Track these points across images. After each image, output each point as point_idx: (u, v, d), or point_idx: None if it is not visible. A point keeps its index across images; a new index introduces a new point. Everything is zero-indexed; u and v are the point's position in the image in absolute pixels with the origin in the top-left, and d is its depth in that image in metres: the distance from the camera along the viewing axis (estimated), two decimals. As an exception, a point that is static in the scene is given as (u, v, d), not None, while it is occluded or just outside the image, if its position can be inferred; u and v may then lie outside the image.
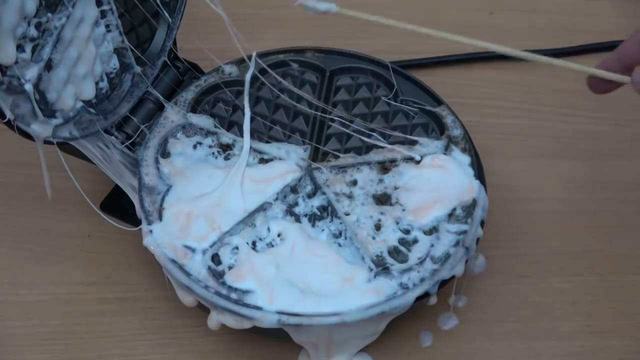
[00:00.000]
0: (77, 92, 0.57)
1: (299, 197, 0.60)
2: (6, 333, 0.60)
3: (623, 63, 0.54)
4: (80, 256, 0.64)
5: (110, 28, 0.59)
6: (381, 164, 0.62)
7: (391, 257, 0.57)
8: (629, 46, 0.54)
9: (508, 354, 0.61)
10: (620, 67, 0.54)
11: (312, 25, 0.79)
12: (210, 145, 0.62)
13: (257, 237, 0.58)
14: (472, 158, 0.62)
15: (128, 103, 0.62)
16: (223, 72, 0.66)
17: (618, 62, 0.54)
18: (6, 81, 0.51)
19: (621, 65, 0.54)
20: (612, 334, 0.62)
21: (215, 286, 0.54)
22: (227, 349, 0.60)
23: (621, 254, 0.66)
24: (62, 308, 0.62)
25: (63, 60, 0.55)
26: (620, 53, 0.55)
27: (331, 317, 0.53)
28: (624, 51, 0.54)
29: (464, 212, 0.59)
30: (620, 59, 0.54)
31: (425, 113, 0.64)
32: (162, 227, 0.57)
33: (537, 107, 0.74)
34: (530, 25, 0.81)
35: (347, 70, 0.67)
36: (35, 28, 0.53)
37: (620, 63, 0.54)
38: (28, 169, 0.67)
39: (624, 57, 0.54)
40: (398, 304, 0.55)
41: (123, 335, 0.61)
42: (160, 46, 0.64)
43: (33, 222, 0.66)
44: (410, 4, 0.82)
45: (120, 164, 0.59)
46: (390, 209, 0.59)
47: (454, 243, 0.57)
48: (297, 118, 0.65)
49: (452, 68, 0.77)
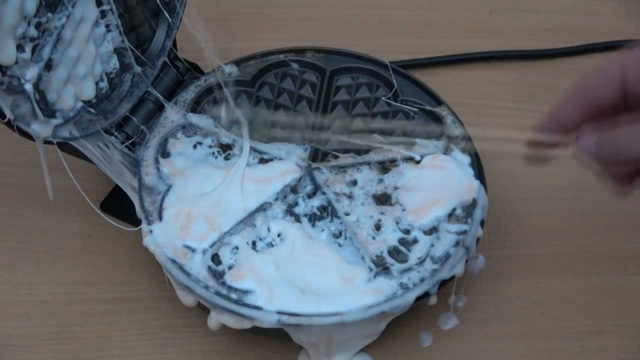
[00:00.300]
0: (77, 92, 0.57)
1: (299, 197, 0.60)
2: (6, 333, 0.60)
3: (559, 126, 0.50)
4: (80, 256, 0.64)
5: (110, 28, 0.59)
6: (381, 164, 0.62)
7: (391, 257, 0.57)
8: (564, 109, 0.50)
9: (508, 354, 0.61)
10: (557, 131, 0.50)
11: (312, 25, 0.80)
12: (210, 145, 0.62)
13: (257, 237, 0.58)
14: (472, 158, 0.62)
15: (128, 103, 0.62)
16: (223, 72, 0.66)
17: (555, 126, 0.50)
18: (6, 81, 0.51)
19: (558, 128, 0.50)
20: (612, 334, 0.62)
21: (215, 286, 0.54)
22: (227, 349, 0.60)
23: (621, 254, 0.66)
24: (62, 308, 0.62)
25: (63, 60, 0.55)
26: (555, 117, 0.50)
27: (331, 317, 0.53)
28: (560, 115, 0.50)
29: (464, 212, 0.59)
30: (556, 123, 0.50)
31: (425, 113, 0.64)
32: (162, 227, 0.57)
33: (537, 107, 0.74)
34: (530, 25, 0.81)
35: (347, 70, 0.67)
36: (35, 28, 0.53)
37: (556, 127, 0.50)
38: (28, 169, 0.67)
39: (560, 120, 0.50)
40: (398, 304, 0.55)
41: (123, 335, 0.61)
42: (160, 46, 0.64)
43: (33, 222, 0.66)
44: (411, 4, 0.82)
45: (120, 164, 0.59)
46: (390, 209, 0.59)
47: (454, 243, 0.57)
48: (297, 118, 0.65)
49: (452, 68, 0.77)
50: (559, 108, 0.50)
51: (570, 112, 0.50)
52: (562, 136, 0.50)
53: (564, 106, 0.50)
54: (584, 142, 0.48)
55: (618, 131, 0.47)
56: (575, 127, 0.50)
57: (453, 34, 0.79)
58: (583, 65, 0.78)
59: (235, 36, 0.78)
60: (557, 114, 0.51)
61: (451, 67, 0.77)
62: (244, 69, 0.67)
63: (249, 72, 0.66)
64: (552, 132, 0.50)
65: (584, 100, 0.49)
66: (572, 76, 0.78)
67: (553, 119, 0.51)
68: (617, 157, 0.48)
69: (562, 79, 0.76)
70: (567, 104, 0.50)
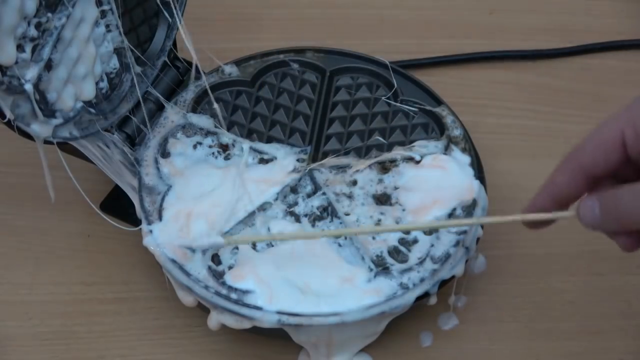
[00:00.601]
0: (77, 92, 0.57)
1: (299, 197, 0.60)
2: (6, 333, 0.60)
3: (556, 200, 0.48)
4: (80, 256, 0.64)
5: (110, 28, 0.59)
6: (381, 164, 0.62)
7: (391, 257, 0.57)
8: (560, 182, 0.48)
9: (508, 354, 0.61)
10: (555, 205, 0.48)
11: (312, 25, 0.80)
12: (210, 145, 0.62)
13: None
14: (472, 158, 0.62)
15: (128, 103, 0.61)
16: (223, 72, 0.66)
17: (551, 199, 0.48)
18: (6, 81, 0.50)
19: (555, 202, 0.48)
20: (612, 334, 0.62)
21: (215, 286, 0.54)
22: (227, 349, 0.60)
23: (621, 254, 0.65)
24: (62, 308, 0.62)
25: (63, 60, 0.55)
26: (551, 190, 0.48)
27: (331, 317, 0.53)
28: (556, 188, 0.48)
29: (464, 212, 0.59)
30: (553, 197, 0.48)
31: (425, 113, 0.64)
32: (162, 227, 0.57)
33: (537, 107, 0.74)
34: (530, 25, 0.81)
35: (347, 70, 0.67)
36: (35, 28, 0.53)
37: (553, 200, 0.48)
38: (28, 169, 0.67)
39: (557, 194, 0.48)
40: (398, 304, 0.55)
41: (123, 335, 0.61)
42: (160, 46, 0.64)
43: (33, 222, 0.66)
44: (411, 4, 0.82)
45: (120, 164, 0.59)
46: (390, 209, 0.59)
47: (454, 243, 0.57)
48: (297, 118, 0.65)
49: (452, 68, 0.77)
50: (553, 180, 0.48)
51: (565, 184, 0.47)
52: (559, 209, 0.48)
53: (558, 178, 0.48)
54: (585, 213, 0.46)
55: (620, 196, 0.45)
56: (572, 199, 0.48)
57: (453, 34, 0.79)
58: (583, 65, 0.78)
59: (235, 36, 0.78)
60: (551, 187, 0.48)
61: (451, 67, 0.77)
62: (244, 69, 0.67)
63: (249, 72, 0.66)
64: (547, 208, 0.48)
65: (580, 169, 0.47)
66: (572, 76, 0.79)
67: (547, 193, 0.48)
68: (623, 225, 0.45)
69: (562, 79, 0.76)
70: (561, 174, 0.48)
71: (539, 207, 0.49)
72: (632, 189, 0.44)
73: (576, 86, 0.76)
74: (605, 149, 0.46)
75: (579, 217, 0.47)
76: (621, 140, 0.45)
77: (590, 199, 0.46)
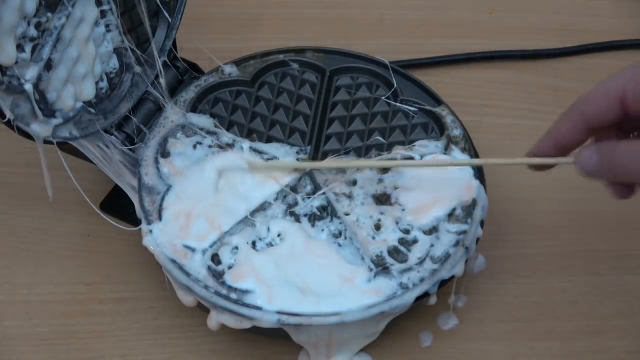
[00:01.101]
0: (77, 92, 0.57)
1: (299, 197, 0.60)
2: (6, 333, 0.60)
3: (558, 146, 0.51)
4: (80, 256, 0.64)
5: (110, 28, 0.59)
6: (381, 164, 0.62)
7: (391, 257, 0.57)
8: (563, 129, 0.51)
9: (508, 354, 0.61)
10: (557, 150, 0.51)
11: (312, 25, 0.80)
12: (210, 145, 0.62)
13: (257, 237, 0.58)
14: (472, 158, 0.62)
15: (128, 103, 0.61)
16: (223, 72, 0.66)
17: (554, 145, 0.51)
18: (6, 81, 0.51)
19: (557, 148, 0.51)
20: (612, 334, 0.62)
21: (215, 286, 0.54)
22: (227, 349, 0.60)
23: (621, 254, 0.66)
24: (62, 308, 0.62)
25: (63, 60, 0.55)
26: (555, 136, 0.51)
27: (331, 317, 0.53)
28: (559, 135, 0.51)
29: (464, 212, 0.59)
30: (556, 143, 0.51)
31: (425, 113, 0.64)
32: (162, 227, 0.57)
33: (537, 107, 0.74)
34: (530, 25, 0.81)
35: (347, 70, 0.67)
36: (35, 28, 0.53)
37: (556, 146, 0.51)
38: (28, 169, 0.67)
39: (560, 141, 0.51)
40: (398, 304, 0.55)
41: (123, 335, 0.61)
42: (160, 46, 0.64)
43: (33, 222, 0.66)
44: (411, 4, 0.82)
45: (120, 164, 0.59)
46: (390, 209, 0.59)
47: (454, 243, 0.57)
48: (297, 118, 0.65)
49: (452, 68, 0.77)
50: (557, 127, 0.51)
51: (568, 131, 0.50)
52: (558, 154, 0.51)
53: (561, 125, 0.51)
54: (584, 161, 0.49)
55: (617, 151, 0.47)
56: (573, 147, 0.51)
57: (453, 34, 0.79)
58: (583, 65, 0.78)
59: (235, 36, 0.78)
60: (555, 133, 0.51)
61: (451, 67, 0.77)
62: (244, 69, 0.67)
63: (249, 72, 0.66)
64: (550, 153, 0.51)
65: (582, 119, 0.50)
66: (571, 76, 0.79)
67: (551, 139, 0.51)
68: (617, 177, 0.48)
69: (562, 79, 0.76)
70: (565, 123, 0.51)
71: (543, 151, 0.52)
72: (628, 145, 0.47)
73: (576, 86, 0.76)
74: (607, 102, 0.49)
75: (578, 164, 0.49)
76: (622, 95, 0.48)
77: (590, 149, 0.49)
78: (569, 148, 0.51)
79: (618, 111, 0.49)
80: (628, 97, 0.48)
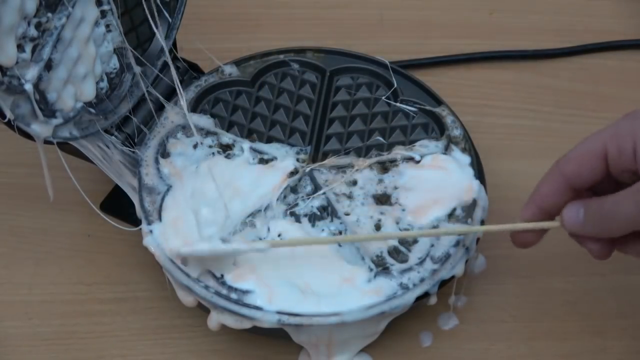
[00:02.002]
0: (77, 92, 0.57)
1: (299, 197, 0.60)
2: (6, 333, 0.60)
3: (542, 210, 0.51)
4: (80, 256, 0.64)
5: (110, 28, 0.59)
6: (381, 164, 0.62)
7: (391, 257, 0.57)
8: (546, 191, 0.51)
9: (508, 354, 0.61)
10: (542, 215, 0.51)
11: (312, 25, 0.80)
12: (210, 145, 0.62)
13: (257, 237, 0.58)
14: (472, 158, 0.62)
15: (128, 103, 0.62)
16: (223, 72, 0.66)
17: (538, 209, 0.51)
18: (6, 81, 0.51)
19: (542, 212, 0.51)
20: (612, 334, 0.62)
21: (215, 286, 0.55)
22: (227, 349, 0.60)
23: (621, 254, 0.66)
24: (62, 308, 0.62)
25: (63, 60, 0.55)
26: (538, 200, 0.51)
27: (331, 317, 0.53)
28: (542, 198, 0.51)
29: (464, 212, 0.59)
30: (540, 207, 0.51)
31: (425, 113, 0.64)
32: (162, 227, 0.57)
33: (537, 107, 0.74)
34: (530, 25, 0.81)
35: (347, 70, 0.67)
36: (35, 28, 0.53)
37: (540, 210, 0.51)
38: (28, 169, 0.67)
39: (543, 204, 0.51)
40: (398, 304, 0.55)
41: (123, 335, 0.61)
42: (160, 46, 0.64)
43: (33, 222, 0.66)
44: (411, 4, 0.82)
45: (120, 164, 0.59)
46: (390, 209, 0.59)
47: (454, 243, 0.57)
48: (297, 118, 0.65)
49: (452, 68, 0.77)
50: (539, 190, 0.51)
51: (551, 193, 0.50)
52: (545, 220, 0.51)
53: (544, 187, 0.51)
54: (570, 216, 0.49)
55: (605, 202, 0.48)
56: (558, 209, 0.50)
57: (453, 34, 0.79)
58: (583, 65, 0.78)
59: (235, 36, 0.78)
60: (537, 197, 0.51)
61: (451, 67, 0.77)
62: (244, 69, 0.67)
63: (249, 72, 0.66)
64: (534, 219, 0.51)
65: (564, 179, 0.50)
66: (572, 76, 0.79)
67: (534, 203, 0.51)
68: (603, 229, 0.49)
69: (562, 79, 0.76)
70: (547, 184, 0.51)
71: (527, 218, 0.52)
72: (614, 195, 0.47)
73: (576, 86, 0.76)
74: (588, 161, 0.49)
75: (563, 221, 0.50)
76: (604, 154, 0.48)
77: (576, 204, 0.49)
78: (553, 211, 0.51)
79: (600, 169, 0.49)
80: (609, 156, 0.48)
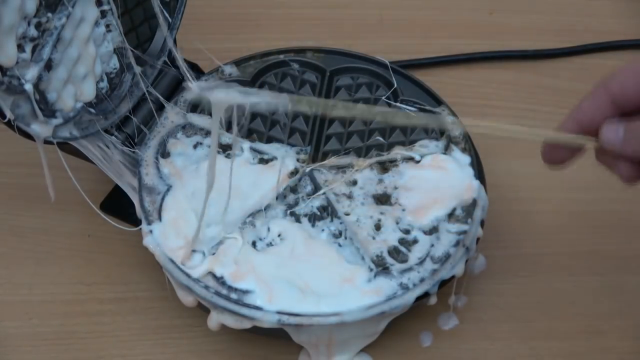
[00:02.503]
0: (77, 92, 0.57)
1: (299, 197, 0.60)
2: (6, 333, 0.60)
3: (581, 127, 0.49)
4: (80, 256, 0.64)
5: (110, 28, 0.59)
6: (381, 164, 0.62)
7: (391, 257, 0.57)
8: (587, 107, 0.49)
9: (508, 354, 0.61)
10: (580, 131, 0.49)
11: (312, 25, 0.80)
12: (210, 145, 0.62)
13: (257, 237, 0.58)
14: (472, 158, 0.62)
15: (128, 103, 0.61)
16: (223, 72, 0.66)
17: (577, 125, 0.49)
18: (6, 81, 0.51)
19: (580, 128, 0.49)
20: (612, 334, 0.61)
21: (215, 286, 0.55)
22: (227, 349, 0.60)
23: (621, 254, 0.66)
24: (62, 308, 0.62)
25: (63, 60, 0.55)
26: (578, 115, 0.49)
27: (331, 317, 0.53)
28: (583, 113, 0.49)
29: (464, 212, 0.59)
30: (578, 122, 0.49)
31: (425, 113, 0.64)
32: (162, 227, 0.57)
33: (537, 107, 0.74)
34: (530, 25, 0.81)
35: (347, 70, 0.67)
36: (35, 28, 0.53)
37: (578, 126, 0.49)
38: (28, 169, 0.67)
39: (583, 119, 0.49)
40: (398, 304, 0.55)
41: (123, 335, 0.61)
42: (160, 46, 0.64)
43: (33, 222, 0.66)
44: (411, 4, 0.82)
45: (120, 164, 0.59)
46: (390, 209, 0.59)
47: (454, 243, 0.57)
48: (297, 118, 0.65)
49: (452, 68, 0.77)
50: (580, 106, 0.49)
51: (592, 109, 0.49)
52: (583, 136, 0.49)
53: (585, 103, 0.49)
54: (609, 134, 0.47)
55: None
56: (597, 125, 0.48)
57: (453, 34, 0.79)
58: (583, 65, 0.78)
59: (235, 36, 0.78)
60: (580, 111, 0.49)
61: (451, 67, 0.77)
62: (244, 69, 0.67)
63: (249, 72, 0.66)
64: (573, 131, 0.49)
65: (608, 94, 0.48)
66: (572, 76, 0.79)
67: (575, 117, 0.49)
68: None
69: (562, 79, 0.76)
70: (589, 100, 0.49)
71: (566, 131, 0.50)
72: None
73: (576, 86, 0.76)
74: (633, 78, 0.47)
75: (601, 136, 0.48)
76: None
77: (616, 122, 0.47)
78: (593, 128, 0.49)
79: None
80: None
